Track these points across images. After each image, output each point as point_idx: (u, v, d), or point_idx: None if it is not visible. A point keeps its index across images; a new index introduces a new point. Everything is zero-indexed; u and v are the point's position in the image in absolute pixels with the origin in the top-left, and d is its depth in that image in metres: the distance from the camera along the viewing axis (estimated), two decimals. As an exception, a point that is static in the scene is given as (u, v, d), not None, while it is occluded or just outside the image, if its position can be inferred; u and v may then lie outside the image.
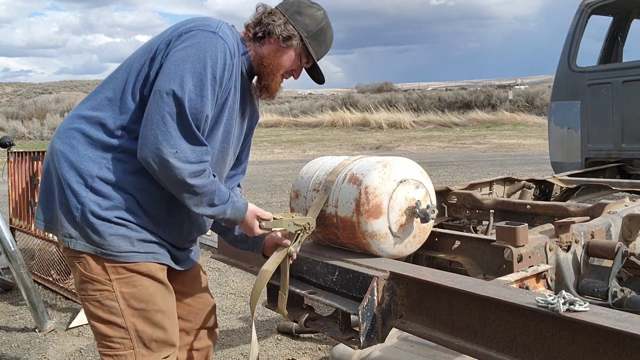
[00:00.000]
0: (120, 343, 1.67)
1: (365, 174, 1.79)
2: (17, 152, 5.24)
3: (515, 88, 29.86)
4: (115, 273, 1.64)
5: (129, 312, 1.66)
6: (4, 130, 19.41)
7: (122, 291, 1.65)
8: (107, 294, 1.65)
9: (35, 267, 4.92)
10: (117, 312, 1.65)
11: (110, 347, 1.67)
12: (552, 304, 1.20)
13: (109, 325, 1.66)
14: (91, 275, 1.64)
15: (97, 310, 1.66)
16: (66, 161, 1.63)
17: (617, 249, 1.87)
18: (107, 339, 1.67)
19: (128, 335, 1.66)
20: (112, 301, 1.65)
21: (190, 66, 1.56)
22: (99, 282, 1.64)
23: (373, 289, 1.57)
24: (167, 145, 1.52)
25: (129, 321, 1.66)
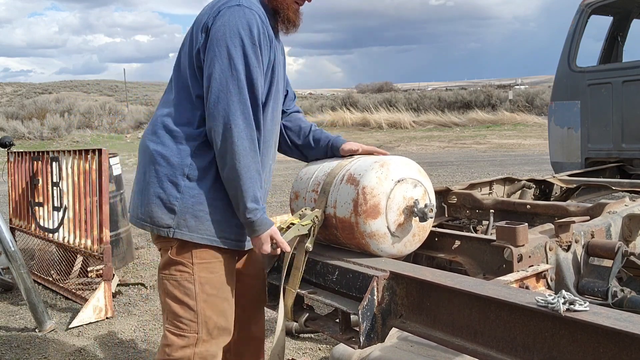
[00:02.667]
0: (188, 325, 1.79)
1: (363, 174, 1.79)
2: (17, 152, 5.25)
3: (515, 88, 29.85)
4: (198, 258, 1.78)
5: (202, 296, 1.79)
6: (4, 130, 19.40)
7: (200, 275, 1.79)
8: (186, 275, 1.79)
9: (35, 267, 4.92)
10: (192, 295, 1.79)
11: (178, 327, 1.80)
12: (552, 304, 1.20)
13: (182, 306, 1.79)
14: (176, 258, 1.79)
15: (174, 289, 1.80)
16: (162, 158, 1.78)
17: (617, 248, 1.87)
18: (177, 318, 1.80)
19: (196, 319, 1.79)
20: (190, 284, 1.79)
21: (236, 42, 1.69)
22: (182, 264, 1.79)
23: (373, 289, 1.57)
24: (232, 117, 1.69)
25: (200, 305, 1.79)
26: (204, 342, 1.81)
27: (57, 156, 4.55)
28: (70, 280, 4.53)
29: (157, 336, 3.50)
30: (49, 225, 4.68)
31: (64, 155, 4.47)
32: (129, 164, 14.42)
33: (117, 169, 5.00)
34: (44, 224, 4.73)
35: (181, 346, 1.79)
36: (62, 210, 4.48)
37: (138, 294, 4.36)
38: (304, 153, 2.14)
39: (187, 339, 1.79)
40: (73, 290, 4.28)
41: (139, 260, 5.30)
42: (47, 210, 4.69)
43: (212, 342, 1.82)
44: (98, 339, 3.50)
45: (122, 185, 5.12)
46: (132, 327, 3.68)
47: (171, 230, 1.76)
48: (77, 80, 55.95)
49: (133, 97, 42.04)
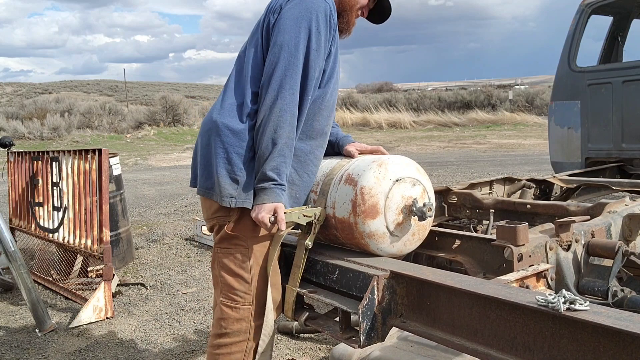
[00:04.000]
0: (242, 297, 1.84)
1: (361, 174, 1.79)
2: (17, 152, 5.25)
3: (515, 88, 29.84)
4: (253, 231, 1.83)
5: (256, 270, 1.84)
6: (4, 130, 19.39)
7: (255, 249, 1.84)
8: (241, 249, 1.84)
9: (35, 267, 4.92)
10: (247, 268, 1.84)
11: (233, 299, 1.85)
12: (553, 303, 1.20)
13: (237, 279, 1.84)
14: (233, 232, 1.83)
15: (230, 262, 1.86)
16: (228, 130, 1.82)
17: (617, 248, 1.87)
18: (232, 291, 1.85)
19: (251, 291, 1.84)
20: (246, 257, 1.84)
21: (304, 24, 1.77)
22: (238, 238, 1.83)
23: (373, 288, 1.57)
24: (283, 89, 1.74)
25: (255, 278, 1.84)
26: (259, 315, 1.85)
27: (57, 156, 4.55)
28: (70, 280, 4.53)
29: (157, 336, 3.50)
30: (49, 225, 4.68)
31: (64, 155, 4.47)
32: (129, 164, 14.43)
33: (117, 169, 5.00)
34: (44, 224, 4.73)
35: (237, 319, 1.84)
36: (62, 210, 4.48)
37: (138, 294, 4.36)
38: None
39: (242, 311, 1.84)
40: (73, 290, 4.28)
41: (139, 260, 5.30)
42: (47, 210, 4.69)
43: (262, 316, 1.86)
44: (98, 339, 3.50)
45: (122, 185, 5.12)
46: (132, 327, 3.68)
47: (233, 200, 1.80)
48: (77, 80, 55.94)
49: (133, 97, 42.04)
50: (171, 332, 3.56)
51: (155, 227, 6.53)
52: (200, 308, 3.95)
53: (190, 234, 6.03)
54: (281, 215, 1.75)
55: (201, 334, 3.48)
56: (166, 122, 22.98)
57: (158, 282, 4.63)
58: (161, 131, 21.70)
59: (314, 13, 1.78)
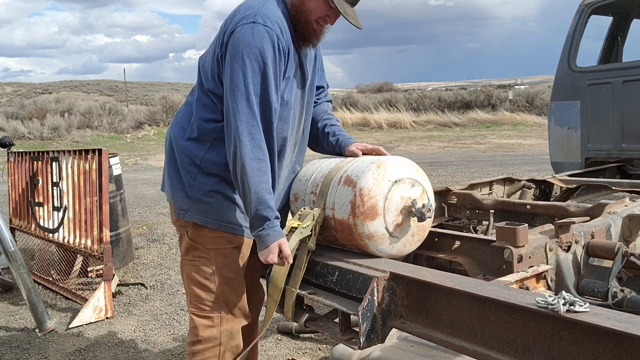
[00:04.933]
0: (210, 306, 1.91)
1: (360, 175, 1.78)
2: (17, 152, 5.25)
3: (515, 88, 29.83)
4: (213, 244, 1.89)
5: (220, 279, 1.90)
6: (4, 130, 19.37)
7: (217, 260, 1.89)
8: (204, 260, 1.90)
9: (35, 267, 4.92)
10: (211, 278, 1.90)
11: (201, 309, 1.92)
12: (552, 305, 1.20)
13: (203, 289, 1.91)
14: (194, 242, 1.91)
15: (195, 274, 1.92)
16: (183, 148, 1.90)
17: (617, 249, 1.87)
18: (199, 301, 1.92)
19: (217, 299, 1.91)
20: (208, 268, 1.90)
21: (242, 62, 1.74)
22: (199, 250, 1.91)
23: (373, 290, 1.57)
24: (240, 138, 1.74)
25: (220, 288, 1.90)
26: (228, 320, 1.93)
27: (57, 156, 4.55)
28: (70, 280, 4.53)
29: (157, 336, 3.50)
30: (49, 225, 4.68)
31: (64, 155, 4.47)
32: (129, 164, 14.42)
33: (117, 169, 5.00)
34: (44, 224, 4.73)
35: (207, 326, 1.90)
36: (62, 210, 4.48)
37: (138, 294, 4.36)
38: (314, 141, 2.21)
39: (211, 319, 1.91)
40: (73, 290, 4.28)
41: (139, 260, 5.30)
42: (47, 210, 4.69)
43: (235, 320, 1.94)
44: (98, 339, 3.50)
45: (122, 185, 5.12)
46: (132, 327, 3.68)
47: (183, 212, 1.90)
48: (77, 80, 55.92)
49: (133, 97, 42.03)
50: (171, 332, 3.56)
51: (155, 227, 6.53)
52: (200, 308, 3.94)
53: (190, 234, 6.03)
54: (286, 251, 1.76)
55: (201, 334, 3.47)
56: (166, 122, 22.98)
57: (158, 282, 4.63)
58: (161, 131, 21.69)
59: (259, 48, 1.74)
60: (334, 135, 2.14)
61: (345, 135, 2.16)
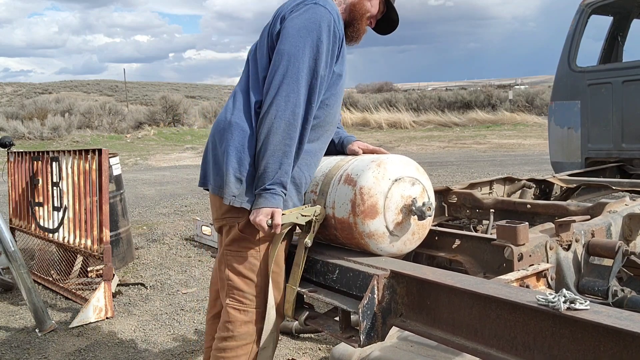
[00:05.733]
0: (251, 300, 1.86)
1: (360, 174, 1.78)
2: (17, 152, 5.25)
3: (515, 88, 29.84)
4: (264, 236, 1.83)
5: (266, 273, 1.84)
6: (4, 130, 19.38)
7: (265, 253, 1.85)
8: (252, 252, 1.85)
9: (35, 267, 4.92)
10: (257, 271, 1.85)
11: (240, 302, 1.86)
12: (553, 303, 1.20)
13: (246, 281, 1.85)
14: (244, 234, 1.84)
15: (239, 265, 1.86)
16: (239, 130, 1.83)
17: (618, 248, 1.87)
18: (240, 293, 1.86)
19: (260, 294, 1.85)
20: (256, 260, 1.85)
21: (307, 33, 1.78)
22: (248, 241, 1.84)
23: (373, 288, 1.57)
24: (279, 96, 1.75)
25: (264, 281, 1.84)
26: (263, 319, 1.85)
27: (57, 156, 4.55)
28: (70, 280, 4.53)
29: (157, 336, 3.50)
30: (49, 225, 4.67)
31: (64, 155, 4.47)
32: (129, 164, 14.43)
33: (117, 169, 5.00)
34: (44, 224, 4.73)
35: (245, 321, 1.85)
36: (62, 210, 4.48)
37: (138, 294, 4.36)
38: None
39: (250, 313, 1.85)
40: (73, 290, 4.28)
41: (139, 260, 5.30)
42: (47, 210, 4.69)
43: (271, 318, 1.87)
44: (98, 339, 3.50)
45: (122, 185, 5.12)
46: (132, 327, 3.67)
47: (234, 199, 1.80)
48: (77, 80, 55.95)
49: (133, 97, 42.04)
50: (171, 332, 3.56)
51: (155, 227, 6.53)
52: (200, 308, 3.94)
53: (190, 234, 6.03)
54: (277, 219, 1.76)
55: (201, 334, 3.47)
56: (166, 122, 22.99)
57: (158, 282, 4.63)
58: (161, 131, 21.70)
59: (317, 23, 1.80)
60: (335, 133, 2.14)
61: (346, 134, 2.16)
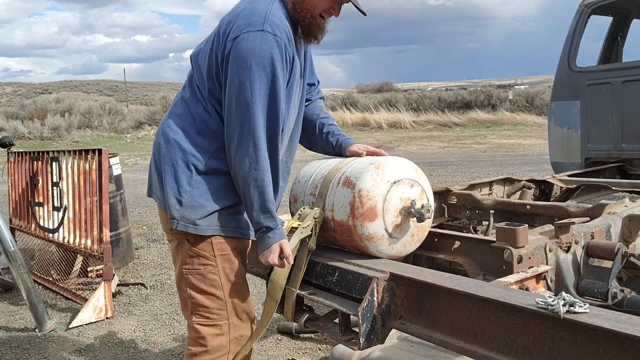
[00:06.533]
0: (218, 314, 1.84)
1: (359, 176, 1.78)
2: (17, 152, 5.25)
3: (515, 88, 29.84)
4: (219, 250, 1.82)
5: (228, 286, 1.84)
6: (4, 130, 19.38)
7: (223, 266, 1.84)
8: (210, 268, 1.83)
9: (35, 267, 4.92)
10: (218, 285, 1.83)
11: (208, 318, 1.84)
12: (552, 306, 1.20)
13: (209, 297, 1.84)
14: (198, 250, 1.82)
15: (199, 282, 1.84)
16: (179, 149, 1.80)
17: (617, 249, 1.87)
18: (205, 310, 1.85)
19: (225, 307, 1.84)
20: (215, 275, 1.83)
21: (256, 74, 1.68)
22: (204, 257, 1.82)
23: (373, 290, 1.56)
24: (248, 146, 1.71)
25: (228, 294, 1.84)
26: (236, 327, 1.86)
27: (57, 156, 4.55)
28: (70, 280, 4.53)
29: (157, 336, 3.50)
30: (49, 225, 4.67)
31: (64, 155, 4.47)
32: (128, 164, 14.42)
33: (117, 169, 5.00)
34: (44, 224, 4.73)
35: (216, 334, 1.84)
36: (62, 210, 4.48)
37: (138, 294, 4.36)
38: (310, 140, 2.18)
39: (220, 327, 1.84)
40: (73, 290, 4.28)
41: (139, 260, 5.30)
42: (47, 210, 4.69)
43: (244, 326, 1.88)
44: (98, 339, 3.50)
45: (122, 185, 5.12)
46: (132, 327, 3.68)
47: (175, 222, 1.79)
48: (77, 80, 55.95)
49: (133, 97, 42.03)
50: (171, 332, 3.56)
51: (155, 227, 6.53)
52: (200, 308, 3.95)
53: (190, 234, 6.03)
54: (286, 251, 1.77)
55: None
56: (166, 121, 22.95)
57: (158, 282, 4.63)
58: (161, 131, 21.68)
59: (266, 58, 1.68)
60: (333, 135, 2.12)
61: (345, 136, 2.14)
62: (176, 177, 1.78)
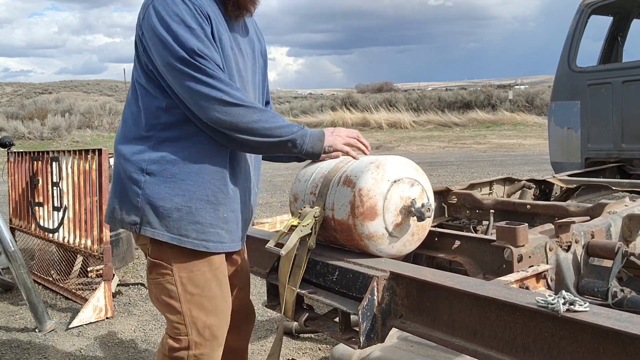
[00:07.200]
0: (178, 328, 1.74)
1: (359, 175, 1.78)
2: (17, 152, 5.25)
3: (515, 88, 29.85)
4: (175, 258, 1.71)
5: (186, 297, 1.72)
6: (4, 130, 19.39)
7: (180, 275, 1.71)
8: (167, 277, 1.72)
9: (35, 267, 4.92)
10: (175, 296, 1.72)
11: (172, 330, 1.75)
12: (552, 304, 1.20)
13: (170, 310, 1.74)
14: (154, 260, 1.73)
15: (159, 293, 1.75)
16: (121, 155, 1.72)
17: (617, 249, 1.87)
18: (170, 322, 1.76)
19: (183, 320, 1.73)
20: (172, 285, 1.72)
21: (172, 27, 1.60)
22: (161, 266, 1.72)
23: (373, 289, 1.57)
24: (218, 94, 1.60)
25: (185, 306, 1.72)
26: (198, 344, 1.74)
27: (57, 156, 4.55)
28: (70, 280, 4.53)
29: (157, 336, 3.50)
30: (49, 225, 4.68)
31: (64, 155, 4.47)
32: (129, 164, 14.42)
33: (117, 169, 4.99)
34: (44, 224, 4.73)
35: (176, 348, 1.75)
36: (62, 210, 4.48)
37: (138, 294, 4.36)
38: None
39: (181, 342, 1.75)
40: (73, 290, 4.28)
41: (139, 260, 5.30)
42: (47, 210, 4.69)
43: (206, 344, 1.76)
44: (98, 339, 3.50)
45: (122, 185, 5.11)
46: (132, 327, 3.68)
47: (137, 227, 1.70)
48: (77, 80, 55.99)
49: (133, 97, 41.94)
50: (171, 332, 3.56)
51: (155, 227, 6.52)
52: (200, 308, 3.95)
53: (190, 234, 6.03)
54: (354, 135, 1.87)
55: (201, 334, 3.48)
56: (166, 122, 22.94)
57: (158, 282, 4.63)
58: (161, 131, 21.69)
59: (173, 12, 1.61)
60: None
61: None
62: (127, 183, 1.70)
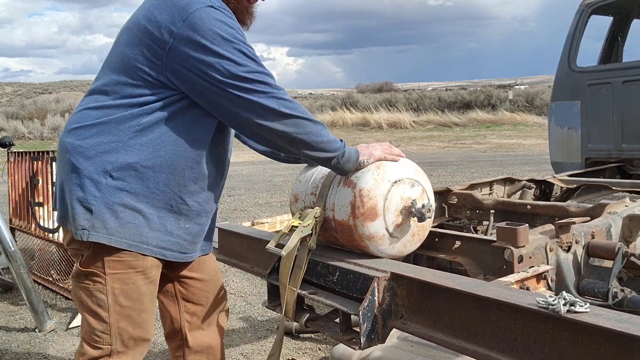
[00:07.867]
0: (101, 337, 1.69)
1: (359, 176, 1.78)
2: (17, 152, 5.24)
3: (515, 88, 29.86)
4: (111, 268, 1.65)
5: (115, 308, 1.68)
6: (4, 130, 19.40)
7: (113, 286, 1.67)
8: (99, 286, 1.67)
9: (35, 267, 4.92)
10: (104, 306, 1.68)
11: (92, 338, 1.70)
12: (553, 305, 1.20)
13: (95, 317, 1.69)
14: (88, 268, 1.67)
15: (86, 299, 1.70)
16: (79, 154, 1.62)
17: (618, 249, 1.87)
18: (91, 329, 1.70)
19: (109, 331, 1.69)
20: (102, 294, 1.67)
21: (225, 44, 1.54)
22: (94, 275, 1.67)
23: (374, 290, 1.57)
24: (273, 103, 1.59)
25: (113, 317, 1.69)
26: (119, 353, 1.72)
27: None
28: (70, 280, 4.53)
29: (156, 336, 3.50)
30: (49, 225, 4.68)
31: (64, 155, 4.47)
32: (129, 164, 14.43)
33: (117, 169, 4.99)
34: (44, 224, 4.73)
35: (95, 356, 1.71)
36: (62, 210, 4.47)
37: (138, 294, 4.36)
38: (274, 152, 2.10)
39: (101, 350, 1.71)
40: (73, 291, 4.28)
41: (139, 260, 5.29)
42: (47, 210, 4.69)
43: (128, 352, 1.73)
44: (98, 339, 3.50)
45: (122, 185, 5.11)
46: (132, 327, 3.68)
47: (85, 232, 1.61)
48: (77, 80, 55.95)
49: (133, 96, 41.92)
50: (171, 332, 3.56)
51: (155, 227, 6.52)
52: (200, 308, 3.94)
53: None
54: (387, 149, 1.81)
55: (201, 335, 3.47)
56: (166, 121, 22.94)
57: (158, 282, 4.62)
58: (161, 131, 21.69)
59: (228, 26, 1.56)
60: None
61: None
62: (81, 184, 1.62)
